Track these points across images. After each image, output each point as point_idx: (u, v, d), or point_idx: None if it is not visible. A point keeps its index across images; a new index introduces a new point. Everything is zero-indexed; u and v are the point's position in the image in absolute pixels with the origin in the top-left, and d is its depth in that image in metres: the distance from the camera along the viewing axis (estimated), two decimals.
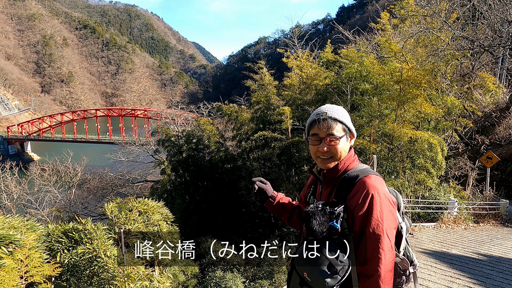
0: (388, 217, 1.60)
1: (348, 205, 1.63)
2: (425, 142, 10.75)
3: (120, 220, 2.16)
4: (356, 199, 1.61)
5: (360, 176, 1.68)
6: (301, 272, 1.62)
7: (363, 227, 1.57)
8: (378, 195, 1.60)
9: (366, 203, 1.58)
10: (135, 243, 2.18)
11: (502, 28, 12.79)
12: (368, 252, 1.55)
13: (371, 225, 1.56)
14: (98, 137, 63.87)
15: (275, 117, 16.07)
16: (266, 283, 7.65)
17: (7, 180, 19.61)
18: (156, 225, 2.40)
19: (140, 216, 2.31)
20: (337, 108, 1.80)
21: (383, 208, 1.59)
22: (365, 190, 1.61)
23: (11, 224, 1.80)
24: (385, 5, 26.17)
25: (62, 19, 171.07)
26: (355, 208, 1.60)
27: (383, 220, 1.57)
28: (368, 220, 1.57)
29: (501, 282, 5.22)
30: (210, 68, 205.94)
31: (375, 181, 1.65)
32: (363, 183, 1.64)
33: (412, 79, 10.67)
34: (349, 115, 1.81)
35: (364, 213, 1.57)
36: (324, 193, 1.80)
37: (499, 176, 17.00)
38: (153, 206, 2.44)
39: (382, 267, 1.53)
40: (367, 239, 1.56)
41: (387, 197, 1.63)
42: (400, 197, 1.83)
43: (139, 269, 1.94)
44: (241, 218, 17.68)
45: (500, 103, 16.54)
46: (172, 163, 18.98)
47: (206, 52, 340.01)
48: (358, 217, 1.58)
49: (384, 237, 1.55)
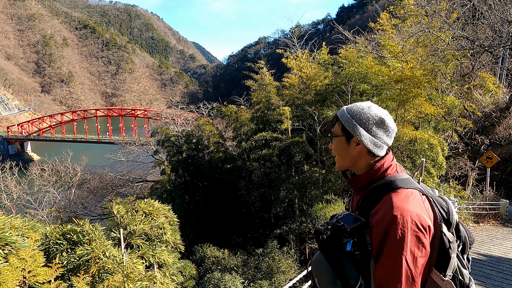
0: (412, 244, 1.39)
1: (370, 221, 1.46)
2: (425, 142, 10.75)
3: (125, 221, 2.14)
4: (376, 218, 1.44)
5: (391, 189, 1.48)
6: (314, 276, 1.58)
7: (380, 251, 1.42)
8: (402, 217, 1.39)
9: (385, 225, 1.40)
10: (139, 244, 2.17)
11: (502, 28, 12.79)
12: (382, 278, 1.42)
13: (387, 250, 1.40)
14: (98, 137, 63.90)
15: (275, 117, 16.07)
16: (266, 283, 7.65)
17: (7, 180, 19.62)
18: (161, 228, 2.37)
19: (145, 217, 2.29)
20: (348, 107, 1.63)
21: (406, 233, 1.38)
22: (388, 210, 1.42)
23: (12, 224, 1.80)
24: (385, 5, 26.17)
25: (62, 19, 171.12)
26: (373, 227, 1.44)
27: (403, 247, 1.38)
28: (384, 244, 1.40)
29: (501, 282, 5.22)
30: (210, 68, 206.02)
31: (405, 199, 1.44)
32: (389, 200, 1.44)
33: (412, 79, 10.67)
34: (372, 117, 1.55)
35: (382, 236, 1.41)
36: (354, 200, 1.66)
37: (499, 176, 17.00)
38: (159, 208, 2.42)
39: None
40: (382, 264, 1.41)
41: (414, 220, 1.40)
42: (452, 208, 1.59)
43: (139, 269, 1.93)
44: (241, 218, 17.69)
45: (500, 103, 16.54)
46: (171, 163, 18.97)
47: (206, 52, 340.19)
48: (375, 239, 1.43)
49: (403, 266, 1.38)
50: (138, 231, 2.15)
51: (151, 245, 2.29)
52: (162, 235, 2.39)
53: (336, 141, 1.63)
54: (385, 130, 1.56)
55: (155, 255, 2.12)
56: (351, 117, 1.57)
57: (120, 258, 1.94)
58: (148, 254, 2.10)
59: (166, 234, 2.41)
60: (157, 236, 2.37)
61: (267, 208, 17.11)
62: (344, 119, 1.59)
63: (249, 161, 17.90)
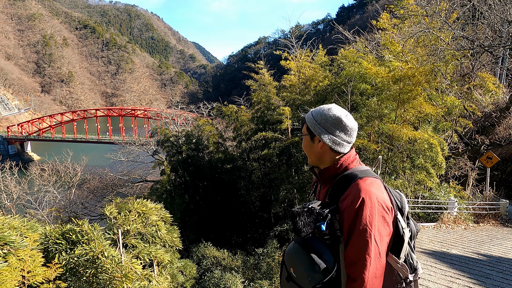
0: (379, 223, 1.56)
1: (340, 206, 1.61)
2: (425, 142, 10.74)
3: (119, 221, 2.17)
4: (346, 202, 1.59)
5: (356, 178, 1.65)
6: (288, 267, 1.65)
7: (351, 231, 1.56)
8: (369, 199, 1.56)
9: (355, 207, 1.55)
10: (134, 244, 2.18)
11: (502, 28, 12.78)
12: (354, 256, 1.54)
13: (358, 229, 1.54)
14: (98, 137, 63.91)
15: (275, 117, 16.07)
16: (266, 283, 7.64)
17: (7, 180, 19.60)
18: (154, 225, 2.40)
19: (139, 217, 2.32)
20: (315, 110, 1.79)
21: (373, 213, 1.55)
22: (356, 193, 1.58)
23: (10, 224, 1.80)
24: (385, 5, 26.18)
25: (62, 19, 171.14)
26: (344, 210, 1.58)
27: (372, 226, 1.54)
28: (355, 224, 1.55)
29: (501, 282, 5.21)
30: (210, 68, 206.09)
31: (370, 184, 1.61)
32: (356, 186, 1.60)
33: (411, 79, 10.67)
34: (330, 118, 1.71)
35: (352, 217, 1.56)
36: (322, 192, 1.80)
37: (499, 176, 16.99)
38: (152, 207, 2.45)
39: (366, 273, 1.52)
40: (353, 243, 1.55)
41: (379, 202, 1.59)
42: (405, 200, 1.78)
43: (137, 269, 1.93)
44: (241, 218, 17.69)
45: (500, 103, 16.53)
46: (171, 163, 18.98)
47: (206, 52, 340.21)
48: (346, 220, 1.57)
49: (372, 243, 1.53)
50: (132, 231, 2.18)
51: (146, 244, 2.30)
52: (157, 233, 2.42)
53: (304, 140, 1.81)
54: (343, 129, 1.71)
55: (150, 254, 2.13)
56: (314, 118, 1.75)
57: (118, 258, 1.94)
58: (143, 253, 2.11)
59: (160, 231, 2.44)
60: (152, 234, 2.40)
61: (267, 208, 17.11)
62: (308, 120, 1.77)
63: (249, 161, 17.91)
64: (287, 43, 18.24)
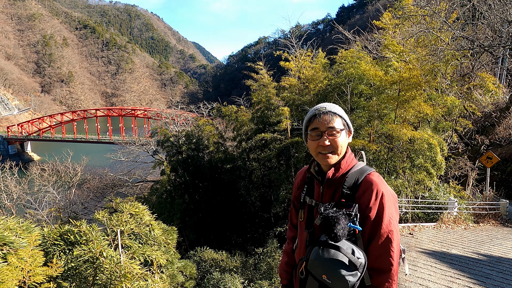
0: (396, 214, 1.68)
1: (358, 204, 1.65)
2: (424, 142, 10.73)
3: (113, 222, 2.18)
4: (367, 198, 1.64)
5: (363, 174, 1.71)
6: (319, 275, 1.59)
7: (376, 225, 1.62)
8: (387, 191, 1.67)
9: (378, 201, 1.63)
10: (129, 244, 2.19)
11: (502, 28, 12.78)
12: (382, 248, 1.61)
13: (384, 222, 1.62)
14: (98, 137, 63.88)
15: (275, 118, 16.07)
16: (266, 283, 7.64)
17: (7, 180, 19.60)
18: (148, 225, 2.42)
19: (132, 218, 2.33)
20: (334, 105, 1.82)
21: (392, 206, 1.66)
22: (374, 189, 1.65)
23: (6, 225, 1.79)
24: (386, 5, 26.16)
25: (62, 19, 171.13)
26: (367, 206, 1.63)
27: (393, 218, 1.65)
28: (381, 217, 1.62)
29: (501, 282, 5.21)
30: (210, 68, 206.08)
31: (379, 178, 1.70)
32: (370, 182, 1.67)
33: (410, 80, 10.65)
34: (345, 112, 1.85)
35: (378, 211, 1.63)
36: (327, 193, 1.76)
37: (499, 176, 16.98)
38: (143, 208, 2.48)
39: (394, 262, 1.61)
40: (380, 235, 1.62)
41: (391, 192, 1.70)
42: None
43: (134, 269, 1.93)
44: (241, 218, 17.68)
45: (500, 103, 16.53)
46: (171, 163, 18.97)
47: (206, 52, 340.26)
48: (371, 215, 1.63)
49: (395, 232, 1.63)
50: (127, 231, 2.19)
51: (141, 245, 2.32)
52: (150, 232, 2.44)
53: (340, 135, 1.74)
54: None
55: (144, 253, 2.14)
56: (344, 112, 1.80)
57: (117, 258, 1.95)
58: (138, 253, 2.12)
59: (153, 231, 2.46)
60: (146, 234, 2.43)
61: (267, 208, 17.10)
62: (343, 115, 1.78)
63: (249, 161, 17.90)
64: (287, 43, 18.22)
